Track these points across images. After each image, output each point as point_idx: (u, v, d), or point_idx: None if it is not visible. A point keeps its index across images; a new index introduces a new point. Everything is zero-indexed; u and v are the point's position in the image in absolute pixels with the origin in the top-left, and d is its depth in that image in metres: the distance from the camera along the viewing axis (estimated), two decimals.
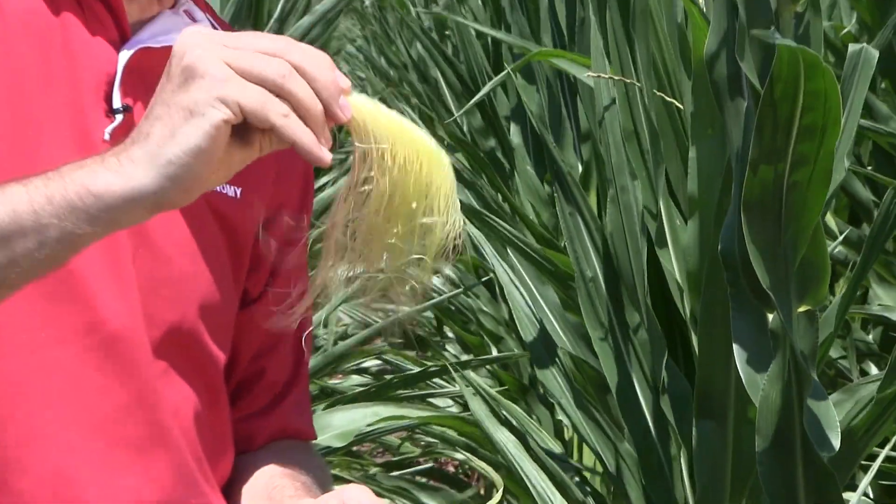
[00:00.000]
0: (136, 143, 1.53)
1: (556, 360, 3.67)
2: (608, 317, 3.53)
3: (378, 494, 1.79)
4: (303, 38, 6.94)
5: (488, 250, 3.91)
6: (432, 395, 5.32)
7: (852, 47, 2.99)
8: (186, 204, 1.59)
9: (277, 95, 1.49)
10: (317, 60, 1.53)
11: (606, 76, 3.63)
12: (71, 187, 1.53)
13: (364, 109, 1.58)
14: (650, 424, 3.39)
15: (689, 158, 3.26)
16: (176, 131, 1.50)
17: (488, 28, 6.57)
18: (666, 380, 3.39)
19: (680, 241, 3.37)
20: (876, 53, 2.96)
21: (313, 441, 2.31)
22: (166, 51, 1.84)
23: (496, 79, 5.36)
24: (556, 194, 3.72)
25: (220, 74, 1.49)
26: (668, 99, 3.52)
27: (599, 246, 3.57)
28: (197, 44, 1.52)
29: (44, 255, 1.57)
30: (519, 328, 3.87)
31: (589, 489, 3.81)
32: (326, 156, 1.53)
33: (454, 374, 4.42)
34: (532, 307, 3.80)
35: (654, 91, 3.51)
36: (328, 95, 1.52)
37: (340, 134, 1.61)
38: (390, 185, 1.58)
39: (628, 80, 3.55)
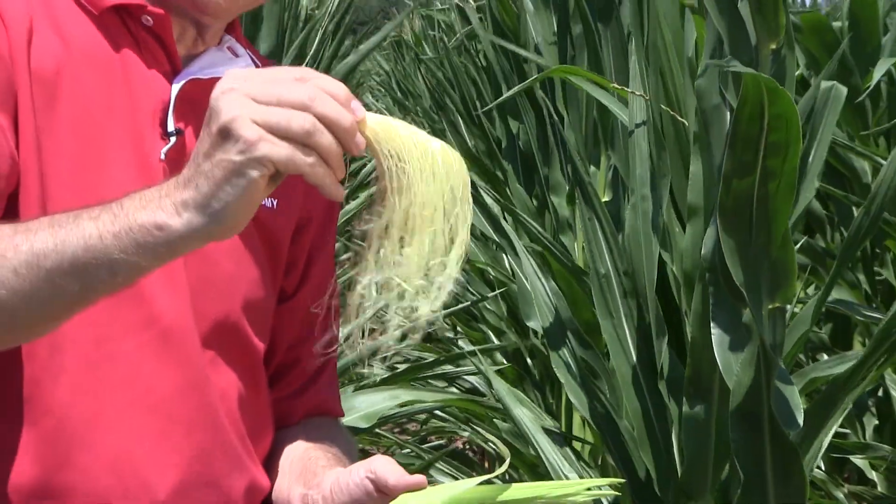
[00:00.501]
0: (187, 188, 1.56)
1: (567, 343, 3.66)
2: (617, 308, 3.54)
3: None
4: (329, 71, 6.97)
5: (518, 247, 3.93)
6: (451, 377, 5.32)
7: (824, 84, 3.04)
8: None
9: (303, 144, 1.52)
10: (335, 105, 1.55)
11: (630, 91, 3.68)
12: (136, 227, 1.57)
13: (380, 128, 1.60)
14: (649, 404, 3.40)
15: (690, 172, 3.23)
16: (221, 187, 1.53)
17: (512, 45, 6.49)
18: (665, 365, 3.40)
19: (678, 244, 3.37)
20: (844, 90, 3.03)
21: (342, 419, 2.30)
22: (213, 81, 1.86)
23: (517, 87, 5.40)
24: (577, 202, 3.76)
25: (253, 136, 1.52)
26: (678, 118, 3.58)
27: (613, 247, 3.58)
28: (230, 102, 1.55)
29: (115, 282, 1.63)
30: (538, 316, 3.82)
31: (579, 458, 3.81)
32: (341, 192, 1.57)
33: (472, 361, 4.46)
34: (551, 297, 3.80)
35: (663, 107, 3.50)
36: (346, 137, 1.55)
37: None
38: (410, 197, 1.59)
39: (646, 97, 3.60)
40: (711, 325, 2.80)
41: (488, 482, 1.76)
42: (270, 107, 1.53)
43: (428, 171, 1.59)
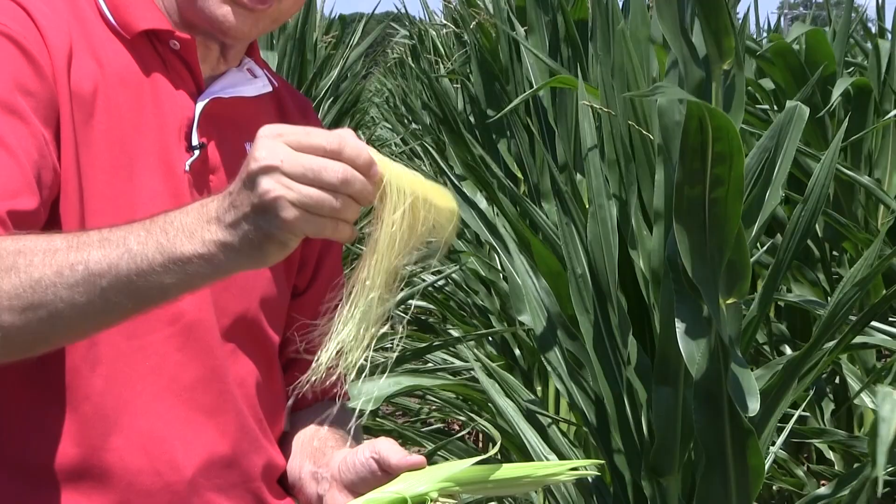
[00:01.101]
0: (230, 235, 1.56)
1: (556, 337, 3.64)
2: (592, 305, 3.49)
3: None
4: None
5: (512, 249, 3.90)
6: (455, 370, 5.32)
7: (789, 104, 3.06)
8: None
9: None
10: (362, 183, 1.56)
11: (598, 107, 3.69)
12: (185, 258, 1.58)
13: (385, 169, 1.59)
14: (622, 390, 3.37)
15: (654, 181, 3.23)
16: (261, 246, 1.55)
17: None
18: (632, 354, 3.38)
19: (646, 246, 3.36)
20: (807, 110, 3.05)
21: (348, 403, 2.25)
22: (234, 100, 2.00)
23: (524, 95, 5.40)
24: (556, 209, 3.76)
25: (291, 217, 1.51)
26: (644, 133, 3.60)
27: (588, 249, 3.53)
28: (271, 181, 1.53)
29: (166, 298, 1.64)
30: (528, 311, 3.78)
31: (565, 439, 3.77)
32: (354, 236, 1.60)
33: (462, 351, 4.46)
34: (541, 295, 3.75)
35: (630, 123, 3.48)
36: (365, 199, 1.56)
37: None
38: (405, 223, 1.60)
39: (612, 113, 3.62)
40: (675, 318, 2.81)
41: (482, 463, 1.75)
42: (307, 187, 1.52)
43: (421, 206, 1.61)
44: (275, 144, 1.54)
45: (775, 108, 5.82)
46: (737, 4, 3.56)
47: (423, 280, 5.37)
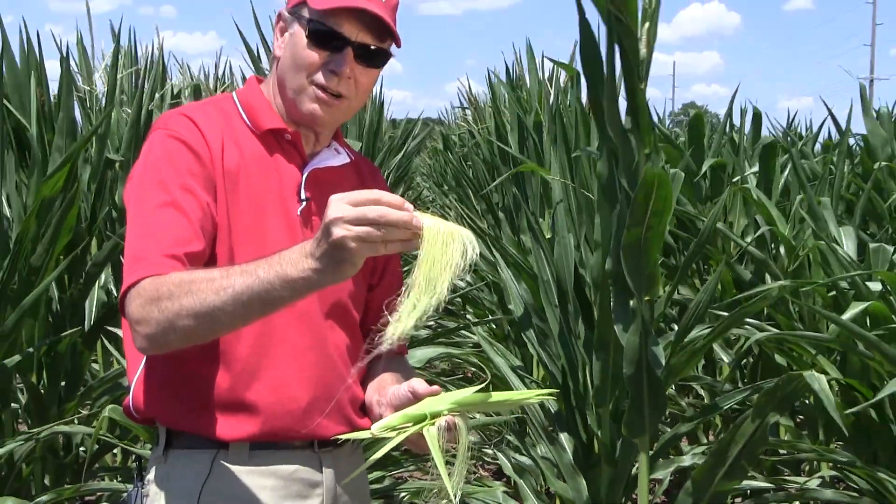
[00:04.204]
0: (320, 264, 1.56)
1: (531, 320, 3.66)
2: (554, 299, 3.54)
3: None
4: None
5: (503, 264, 3.95)
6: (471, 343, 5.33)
7: (672, 170, 3.12)
8: None
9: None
10: (397, 213, 1.54)
11: (559, 179, 3.71)
12: (292, 280, 1.58)
13: (424, 219, 1.58)
14: (574, 355, 3.39)
15: (595, 223, 3.27)
16: (339, 268, 1.55)
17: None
18: (580, 332, 3.42)
19: (590, 263, 3.36)
20: (682, 175, 3.09)
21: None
22: (326, 169, 1.99)
23: (497, 180, 5.41)
24: (531, 241, 3.77)
25: (353, 246, 1.52)
26: (586, 193, 3.61)
27: (552, 265, 3.56)
28: (338, 228, 1.53)
29: (283, 306, 1.64)
30: (513, 304, 3.84)
31: (534, 384, 3.84)
32: (411, 246, 1.58)
33: (473, 329, 4.48)
34: (521, 294, 3.77)
35: (577, 188, 3.58)
36: (405, 225, 1.55)
37: None
38: (437, 253, 1.58)
39: (568, 183, 3.63)
40: (613, 309, 2.77)
41: (479, 392, 1.73)
42: (359, 227, 1.52)
43: (449, 244, 1.58)
44: (339, 205, 1.54)
45: None
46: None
47: (456, 285, 5.40)
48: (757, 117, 6.40)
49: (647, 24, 2.54)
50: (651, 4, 2.56)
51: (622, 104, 2.70)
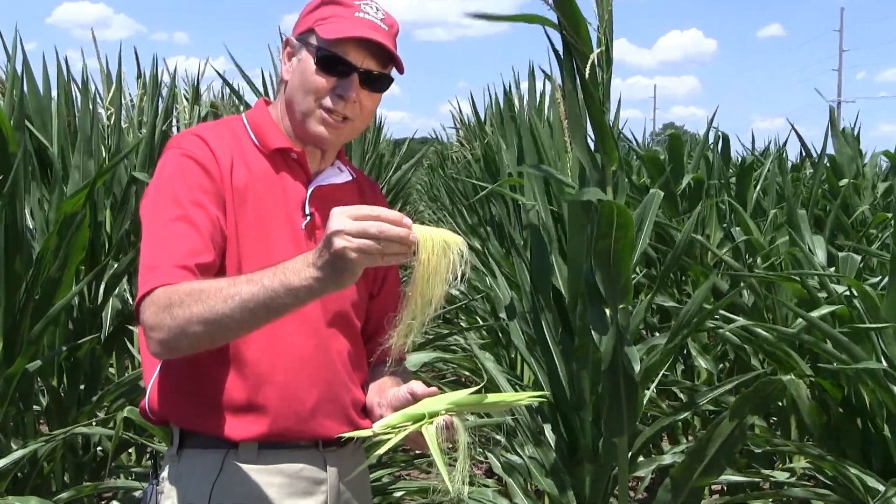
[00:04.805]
0: (322, 272, 1.54)
1: (519, 327, 3.61)
2: (535, 309, 3.51)
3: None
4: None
5: (495, 274, 3.96)
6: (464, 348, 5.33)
7: (652, 190, 3.11)
8: None
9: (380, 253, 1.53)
10: (394, 229, 1.53)
11: (537, 203, 3.70)
12: (295, 288, 1.57)
13: (418, 231, 1.57)
14: (555, 360, 3.37)
15: (567, 239, 3.28)
16: (340, 276, 1.53)
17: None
18: (560, 340, 3.38)
19: (564, 276, 3.38)
20: (661, 193, 3.07)
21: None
22: (330, 186, 1.99)
23: (483, 192, 5.39)
24: (512, 254, 3.79)
25: (352, 257, 1.51)
26: (559, 211, 3.61)
27: (531, 277, 3.55)
28: (339, 240, 1.52)
29: (287, 312, 1.61)
30: (504, 311, 3.84)
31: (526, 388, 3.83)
32: (405, 259, 1.57)
33: (464, 336, 4.49)
34: (512, 302, 3.78)
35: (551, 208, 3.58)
36: (401, 240, 1.53)
37: None
38: (432, 267, 1.58)
39: (537, 204, 3.63)
40: (589, 317, 2.76)
41: (473, 394, 1.73)
42: (359, 239, 1.51)
43: (443, 253, 1.58)
44: (340, 217, 1.53)
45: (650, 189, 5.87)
46: (617, 132, 3.53)
47: (451, 294, 5.37)
48: (726, 141, 6.59)
49: (600, 49, 2.52)
50: (602, 30, 2.54)
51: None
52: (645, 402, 3.32)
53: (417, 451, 2.00)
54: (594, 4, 2.55)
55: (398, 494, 3.80)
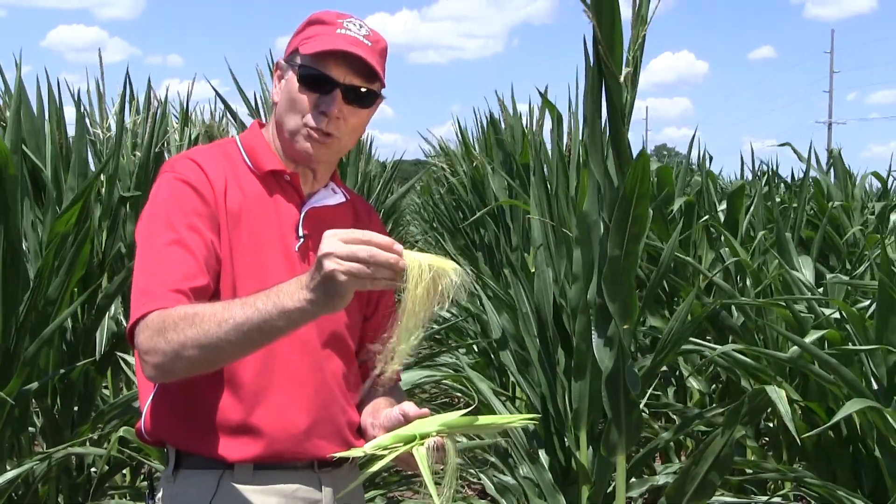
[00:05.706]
0: (314, 294, 1.56)
1: (510, 347, 3.67)
2: (532, 329, 3.54)
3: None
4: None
5: (484, 297, 4.00)
6: (456, 367, 5.33)
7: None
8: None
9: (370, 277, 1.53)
10: (384, 254, 1.53)
11: (538, 218, 3.73)
12: (288, 311, 1.57)
13: (408, 257, 1.57)
14: (553, 381, 3.38)
15: (573, 258, 3.25)
16: (331, 299, 1.53)
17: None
18: (561, 359, 3.40)
19: (569, 294, 3.37)
20: (651, 212, 3.10)
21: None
22: (323, 208, 1.99)
23: (477, 215, 5.43)
24: (510, 275, 3.78)
25: (342, 279, 1.51)
26: (563, 230, 3.63)
27: (530, 297, 3.58)
28: (330, 263, 1.52)
29: (281, 335, 1.62)
30: (493, 331, 3.86)
31: (515, 408, 3.83)
32: (395, 285, 1.57)
33: (458, 356, 4.47)
34: (502, 323, 3.78)
35: (552, 224, 3.61)
36: (391, 266, 1.54)
37: None
38: (419, 294, 1.58)
39: (547, 221, 3.66)
40: (593, 335, 2.77)
41: (466, 415, 1.73)
42: (350, 263, 1.52)
43: (434, 281, 1.58)
44: (332, 240, 1.54)
45: None
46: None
47: (441, 316, 5.37)
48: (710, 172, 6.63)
49: (628, 69, 2.54)
50: (634, 51, 2.56)
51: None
52: None
53: (410, 472, 1.99)
54: (630, 26, 2.56)
55: None
